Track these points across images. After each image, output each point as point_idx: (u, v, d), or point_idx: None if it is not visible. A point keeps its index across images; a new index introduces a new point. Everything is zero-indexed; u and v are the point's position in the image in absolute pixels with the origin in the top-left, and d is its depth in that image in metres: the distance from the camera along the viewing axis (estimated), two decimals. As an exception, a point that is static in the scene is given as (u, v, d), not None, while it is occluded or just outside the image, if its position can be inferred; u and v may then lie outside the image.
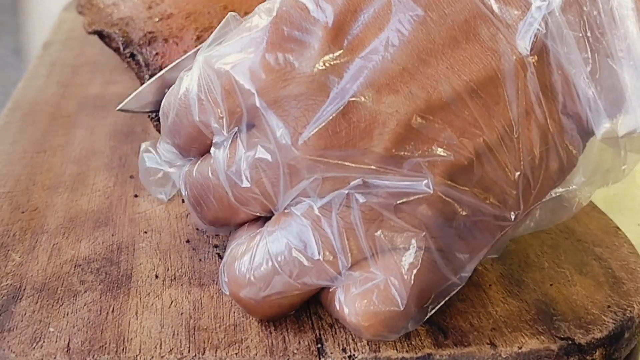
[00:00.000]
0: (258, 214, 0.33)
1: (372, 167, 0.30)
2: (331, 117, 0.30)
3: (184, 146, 0.35)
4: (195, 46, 0.46)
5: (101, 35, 0.55)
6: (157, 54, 0.47)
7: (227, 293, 0.33)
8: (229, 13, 0.35)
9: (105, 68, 0.62)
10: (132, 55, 0.49)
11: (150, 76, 0.46)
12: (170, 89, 0.35)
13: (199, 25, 0.48)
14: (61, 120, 0.53)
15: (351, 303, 0.31)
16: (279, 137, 0.30)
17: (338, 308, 0.32)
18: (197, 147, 0.34)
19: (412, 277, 0.30)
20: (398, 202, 0.30)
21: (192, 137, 0.34)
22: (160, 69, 0.46)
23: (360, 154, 0.30)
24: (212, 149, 0.33)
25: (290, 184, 0.31)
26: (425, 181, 0.29)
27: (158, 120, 0.40)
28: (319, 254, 0.31)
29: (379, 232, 0.30)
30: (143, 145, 0.38)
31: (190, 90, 0.33)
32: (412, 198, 0.30)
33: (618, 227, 0.41)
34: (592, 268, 0.37)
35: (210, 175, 0.33)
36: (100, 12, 0.55)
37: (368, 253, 0.31)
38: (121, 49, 0.50)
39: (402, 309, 0.30)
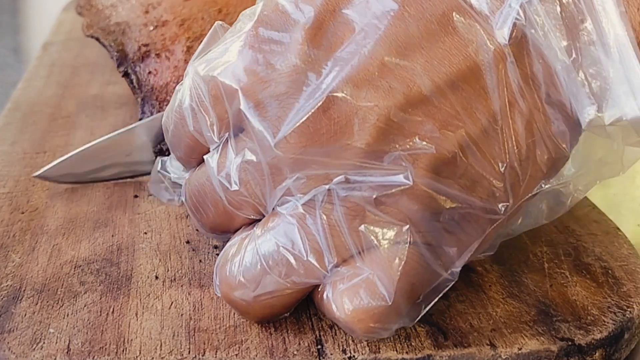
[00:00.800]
0: (253, 217, 0.33)
1: (354, 162, 0.30)
2: (311, 114, 0.30)
3: (185, 158, 0.35)
4: (185, 60, 0.47)
5: (98, 39, 0.55)
6: (149, 72, 0.48)
7: (220, 295, 0.33)
8: (216, 22, 0.35)
9: (105, 69, 0.62)
10: (126, 74, 0.49)
11: (142, 99, 0.47)
12: (169, 104, 0.35)
13: (190, 35, 0.49)
14: (61, 121, 0.53)
15: (339, 299, 0.31)
16: (260, 138, 0.31)
17: (327, 306, 0.31)
18: (197, 157, 0.35)
19: (399, 271, 0.30)
20: (379, 194, 0.30)
21: (191, 148, 0.34)
22: (152, 89, 0.47)
23: (342, 150, 0.30)
24: (206, 156, 0.34)
25: (274, 183, 0.31)
26: (405, 173, 0.30)
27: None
28: (305, 251, 0.31)
29: (362, 226, 0.30)
30: (158, 159, 0.39)
31: (183, 101, 0.34)
32: (393, 190, 0.30)
33: (618, 228, 0.41)
34: (592, 269, 0.37)
35: (205, 181, 0.34)
36: (99, 13, 0.55)
37: (354, 249, 0.31)
38: (116, 65, 0.50)
39: (390, 303, 0.30)
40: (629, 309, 0.35)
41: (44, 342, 0.32)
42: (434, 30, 0.30)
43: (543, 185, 0.32)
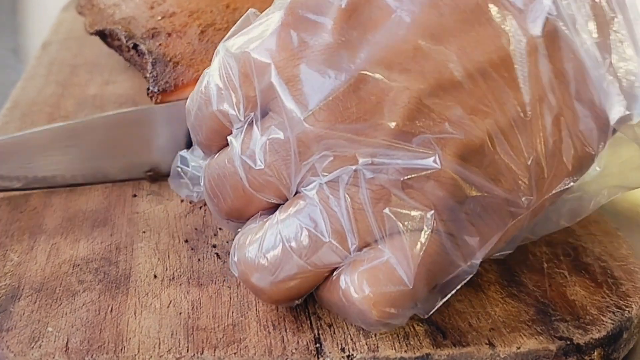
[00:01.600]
0: (272, 201, 0.33)
1: (382, 141, 0.30)
2: (341, 92, 0.30)
3: (206, 142, 0.35)
4: (200, 40, 0.47)
5: (103, 34, 0.55)
6: (160, 44, 0.48)
7: (237, 275, 0.33)
8: (249, 9, 0.35)
9: (104, 68, 0.62)
10: (135, 46, 0.49)
11: (153, 62, 0.47)
12: (195, 88, 0.36)
13: (202, 22, 0.49)
14: (60, 120, 0.53)
15: (357, 281, 0.30)
16: (289, 112, 0.31)
17: (343, 290, 0.31)
18: (218, 142, 0.35)
19: (420, 256, 0.30)
20: (406, 177, 0.30)
21: (213, 130, 0.34)
22: (163, 56, 0.46)
23: (370, 129, 0.30)
24: (229, 137, 0.34)
25: (300, 161, 0.31)
26: (434, 157, 0.29)
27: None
28: (327, 233, 0.30)
29: (387, 210, 0.30)
30: (177, 154, 0.39)
31: (210, 81, 0.34)
32: (420, 174, 0.30)
33: (617, 228, 0.41)
34: (591, 269, 0.37)
35: (226, 163, 0.34)
36: (101, 12, 0.55)
37: (377, 233, 0.30)
38: (124, 41, 0.50)
39: (410, 287, 0.30)
40: (627, 309, 0.35)
41: (42, 341, 0.32)
42: (467, 19, 0.30)
43: (567, 184, 0.32)
